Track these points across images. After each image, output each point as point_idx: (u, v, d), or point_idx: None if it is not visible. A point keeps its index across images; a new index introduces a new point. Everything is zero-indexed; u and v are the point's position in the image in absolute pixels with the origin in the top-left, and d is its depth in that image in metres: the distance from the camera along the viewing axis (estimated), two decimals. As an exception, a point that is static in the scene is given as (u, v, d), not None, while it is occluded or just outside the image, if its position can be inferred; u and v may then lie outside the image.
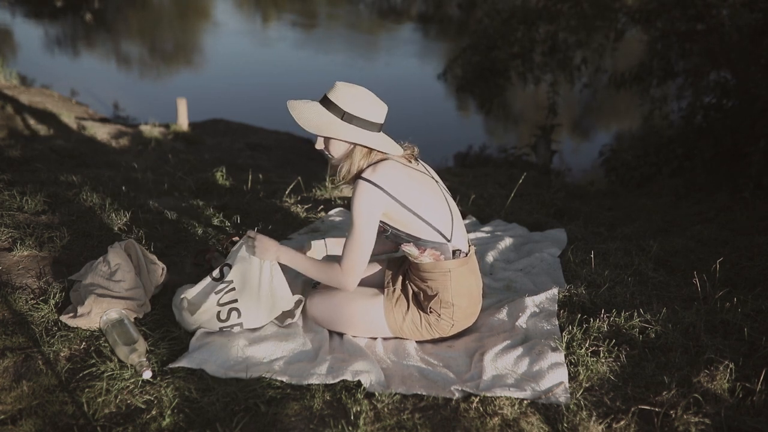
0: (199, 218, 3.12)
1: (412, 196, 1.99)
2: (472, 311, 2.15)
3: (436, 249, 2.03)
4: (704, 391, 1.79)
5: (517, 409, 1.75)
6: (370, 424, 1.68)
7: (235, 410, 1.71)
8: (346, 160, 2.03)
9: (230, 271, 2.14)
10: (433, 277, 2.06)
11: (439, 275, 2.05)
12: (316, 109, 2.02)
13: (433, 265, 2.05)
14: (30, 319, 2.07)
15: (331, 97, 2.02)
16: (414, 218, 1.99)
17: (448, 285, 2.05)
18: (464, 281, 2.07)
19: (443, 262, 2.04)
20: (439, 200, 2.06)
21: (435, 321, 2.09)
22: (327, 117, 2.00)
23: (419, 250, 2.04)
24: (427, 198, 2.02)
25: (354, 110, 2.00)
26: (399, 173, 1.99)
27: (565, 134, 9.23)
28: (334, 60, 13.40)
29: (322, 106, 2.02)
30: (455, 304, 2.07)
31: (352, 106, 2.00)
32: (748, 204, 4.06)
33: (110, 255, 2.24)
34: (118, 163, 4.65)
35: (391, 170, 1.99)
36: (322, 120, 2.00)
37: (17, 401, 1.71)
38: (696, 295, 2.40)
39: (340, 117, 2.00)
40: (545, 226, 3.41)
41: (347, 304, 2.12)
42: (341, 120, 2.00)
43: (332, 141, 2.03)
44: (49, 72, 11.10)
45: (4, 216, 2.81)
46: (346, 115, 1.99)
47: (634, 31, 7.30)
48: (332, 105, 2.01)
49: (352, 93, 2.01)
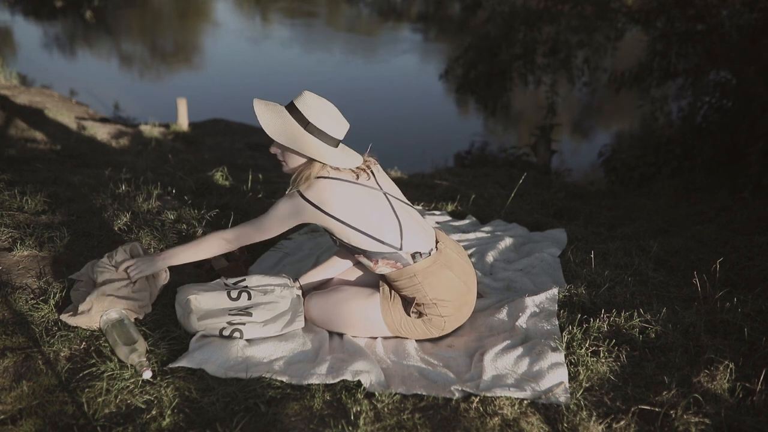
0: (199, 218, 3.12)
1: (351, 212, 2.02)
2: (461, 302, 2.13)
3: (387, 259, 2.05)
4: (704, 391, 1.79)
5: (517, 409, 1.75)
6: (370, 424, 1.68)
7: (235, 410, 1.71)
8: (302, 172, 2.05)
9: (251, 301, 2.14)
10: (403, 285, 2.08)
11: (407, 280, 2.07)
12: (280, 114, 2.05)
13: (397, 273, 2.07)
14: (30, 319, 2.07)
15: (298, 105, 2.04)
16: (354, 232, 2.03)
17: (419, 287, 2.06)
18: (437, 278, 2.07)
19: (405, 269, 2.05)
20: (384, 212, 2.08)
21: (427, 320, 2.10)
22: (291, 124, 2.03)
23: (372, 262, 2.08)
24: (368, 211, 2.05)
25: (318, 122, 2.03)
26: (339, 191, 2.03)
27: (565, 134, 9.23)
28: (334, 60, 13.40)
29: (288, 112, 2.05)
30: (437, 302, 2.07)
31: (318, 118, 2.03)
32: (747, 204, 4.06)
33: (118, 255, 2.25)
34: (118, 163, 4.65)
35: (328, 189, 2.02)
36: (285, 127, 2.03)
37: (17, 401, 1.71)
38: (696, 295, 2.40)
39: (304, 126, 2.02)
40: (545, 226, 3.41)
41: (344, 305, 2.12)
42: (304, 129, 2.02)
43: (287, 151, 2.07)
44: (49, 72, 11.11)
45: (4, 216, 2.81)
46: (309, 125, 2.02)
47: (634, 31, 7.31)
48: (298, 113, 2.03)
49: (319, 105, 2.05)
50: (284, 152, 2.08)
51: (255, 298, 2.14)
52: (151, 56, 14.17)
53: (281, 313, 2.13)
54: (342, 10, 21.00)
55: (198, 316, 2.06)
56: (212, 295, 2.13)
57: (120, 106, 9.62)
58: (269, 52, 14.38)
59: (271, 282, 2.21)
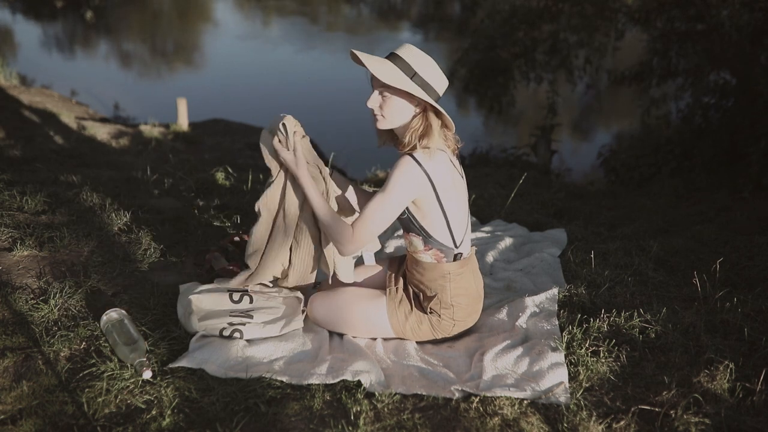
0: (199, 218, 3.12)
1: (449, 195, 1.95)
2: (473, 309, 2.14)
3: (440, 251, 2.02)
4: (704, 391, 1.79)
5: (517, 409, 1.75)
6: (370, 424, 1.68)
7: (235, 410, 1.71)
8: (411, 129, 1.89)
9: (253, 304, 2.14)
10: (432, 278, 2.05)
11: (438, 277, 2.04)
12: (383, 61, 1.87)
13: (432, 265, 2.04)
14: (30, 319, 2.07)
15: (402, 54, 1.88)
16: (440, 216, 1.95)
17: (446, 286, 2.05)
18: (463, 283, 2.07)
19: (443, 265, 2.04)
20: (464, 206, 2.04)
21: (436, 321, 2.09)
22: (396, 72, 1.85)
23: (424, 247, 2.02)
24: (458, 202, 1.99)
25: (425, 74, 1.88)
26: (447, 169, 1.94)
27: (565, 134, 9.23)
28: (334, 60, 13.40)
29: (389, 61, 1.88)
30: (455, 305, 2.07)
31: (424, 69, 1.88)
32: (747, 204, 4.06)
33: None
34: (118, 163, 4.65)
35: (442, 163, 1.91)
36: (393, 72, 1.85)
37: (17, 401, 1.71)
38: (696, 295, 2.40)
39: (410, 76, 1.86)
40: (545, 226, 3.41)
41: (350, 306, 2.11)
42: (410, 79, 1.86)
43: (393, 100, 1.90)
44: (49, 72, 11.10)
45: (4, 216, 2.81)
46: (416, 76, 1.87)
47: (635, 31, 7.30)
48: (402, 62, 1.87)
49: (423, 56, 1.89)
50: (387, 103, 1.90)
51: (257, 302, 2.14)
52: (151, 56, 14.17)
53: (282, 315, 2.13)
54: (342, 10, 20.99)
55: (199, 316, 2.06)
56: (214, 296, 2.14)
57: (120, 106, 9.61)
58: (269, 52, 14.37)
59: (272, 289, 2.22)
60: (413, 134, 1.91)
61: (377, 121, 1.97)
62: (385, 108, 1.92)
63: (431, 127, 1.91)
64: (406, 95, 1.91)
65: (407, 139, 1.92)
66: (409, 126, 1.93)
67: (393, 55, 1.90)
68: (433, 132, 1.91)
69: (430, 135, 1.91)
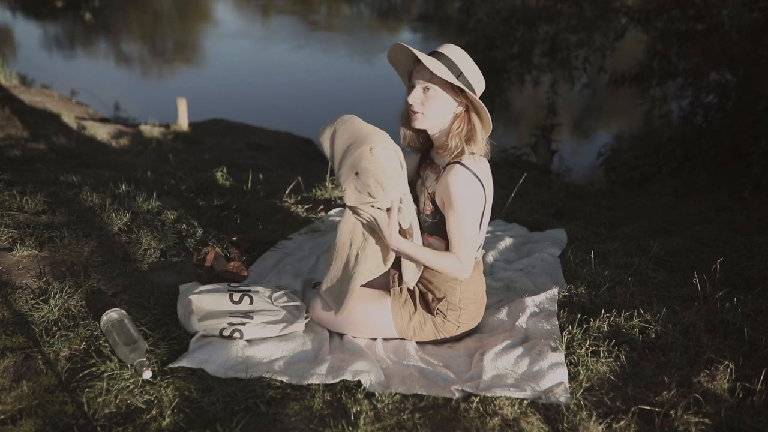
0: (199, 218, 3.12)
1: (488, 210, 1.93)
2: (478, 312, 2.15)
3: None
4: (704, 391, 1.79)
5: (517, 409, 1.75)
6: (370, 424, 1.68)
7: (235, 410, 1.71)
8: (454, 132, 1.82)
9: (253, 305, 2.14)
10: (443, 279, 2.05)
11: (450, 279, 2.04)
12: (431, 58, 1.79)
13: None
14: (30, 319, 2.07)
15: (447, 53, 1.80)
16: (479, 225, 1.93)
17: (456, 289, 2.05)
18: (472, 286, 2.07)
19: None
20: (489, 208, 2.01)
21: (441, 323, 2.09)
22: (445, 69, 1.77)
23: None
24: (488, 211, 1.98)
25: (468, 74, 1.81)
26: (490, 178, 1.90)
27: (565, 134, 9.23)
28: (334, 59, 13.40)
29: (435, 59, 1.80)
30: (462, 307, 2.07)
31: (468, 70, 1.80)
32: (748, 204, 4.06)
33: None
34: (118, 163, 4.65)
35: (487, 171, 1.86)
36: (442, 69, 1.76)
37: (17, 401, 1.71)
38: (696, 295, 2.40)
39: (456, 76, 1.79)
40: (545, 226, 3.41)
41: (354, 307, 2.10)
42: (456, 78, 1.78)
43: (438, 96, 1.81)
44: (49, 72, 11.10)
45: (4, 216, 2.81)
46: (461, 76, 1.79)
47: (634, 31, 7.31)
48: (448, 60, 1.79)
49: (466, 56, 1.82)
50: (431, 99, 1.81)
51: (257, 302, 2.14)
52: (151, 56, 14.17)
53: (282, 317, 2.13)
54: (342, 10, 21.00)
55: (199, 316, 2.07)
56: (214, 296, 2.14)
57: (120, 106, 9.61)
58: (269, 52, 14.37)
59: (274, 292, 2.23)
60: (458, 137, 1.84)
61: (416, 120, 1.86)
62: (428, 104, 1.83)
63: (475, 129, 1.85)
64: (451, 93, 1.83)
65: (453, 142, 1.84)
66: (450, 129, 1.86)
67: (437, 53, 1.83)
68: (477, 135, 1.85)
69: (475, 138, 1.85)
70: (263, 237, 2.96)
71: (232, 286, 2.25)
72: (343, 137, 1.81)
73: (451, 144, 1.85)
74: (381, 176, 1.74)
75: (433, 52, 1.85)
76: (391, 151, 1.76)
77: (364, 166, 1.74)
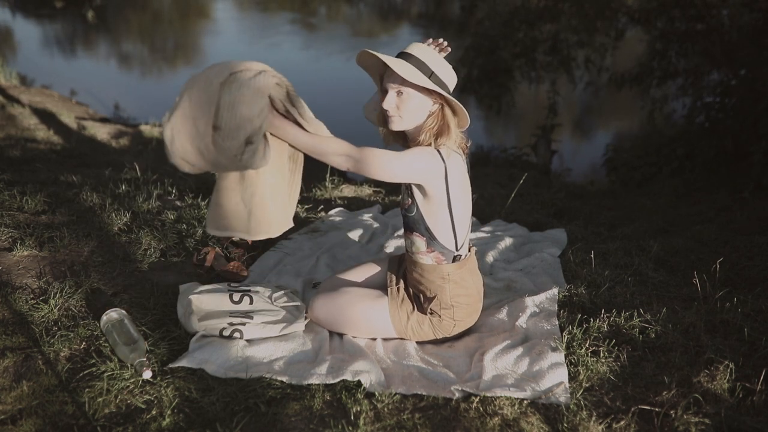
0: (199, 218, 3.12)
1: (457, 196, 1.94)
2: (474, 308, 2.14)
3: (441, 253, 2.02)
4: (704, 391, 1.79)
5: (517, 409, 1.75)
6: (370, 424, 1.68)
7: (235, 410, 1.71)
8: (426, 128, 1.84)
9: (253, 305, 2.14)
10: (431, 279, 2.05)
11: (437, 278, 2.04)
12: (401, 61, 1.79)
13: (432, 267, 2.04)
14: (30, 319, 2.07)
15: (416, 53, 1.82)
16: (446, 216, 1.94)
17: (445, 287, 2.05)
18: (462, 282, 2.07)
19: (442, 266, 2.04)
20: (469, 210, 2.03)
21: (437, 322, 2.09)
22: (416, 71, 1.78)
23: (427, 249, 2.02)
24: (465, 205, 1.99)
25: (441, 74, 1.82)
26: (461, 172, 1.93)
27: (566, 134, 9.22)
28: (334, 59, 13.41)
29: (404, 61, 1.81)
30: (454, 305, 2.07)
31: (439, 68, 1.82)
32: (748, 204, 4.06)
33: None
34: (118, 163, 4.65)
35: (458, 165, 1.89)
36: (413, 72, 1.78)
37: (17, 401, 1.71)
38: (696, 295, 2.40)
39: (428, 75, 1.80)
40: (545, 226, 3.41)
41: (352, 307, 2.11)
42: (428, 78, 1.80)
43: (412, 99, 1.83)
44: (49, 72, 11.10)
45: (4, 216, 2.81)
46: (434, 75, 1.81)
47: (634, 31, 7.30)
48: (418, 61, 1.80)
49: (436, 54, 1.84)
50: (406, 102, 1.83)
51: (257, 303, 2.15)
52: (151, 56, 14.17)
53: (282, 317, 2.13)
54: (342, 10, 21.00)
55: (199, 316, 2.07)
56: (214, 296, 2.14)
57: (120, 106, 9.61)
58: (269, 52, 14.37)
59: (275, 292, 2.23)
60: (428, 132, 1.86)
61: (392, 123, 1.89)
62: (403, 107, 1.86)
63: (448, 125, 1.87)
64: (424, 93, 1.86)
65: (422, 137, 1.87)
66: (423, 125, 1.89)
67: (405, 54, 1.84)
68: (450, 130, 1.87)
69: (447, 133, 1.87)
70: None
71: (232, 286, 2.25)
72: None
73: (421, 138, 1.88)
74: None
75: (401, 53, 1.86)
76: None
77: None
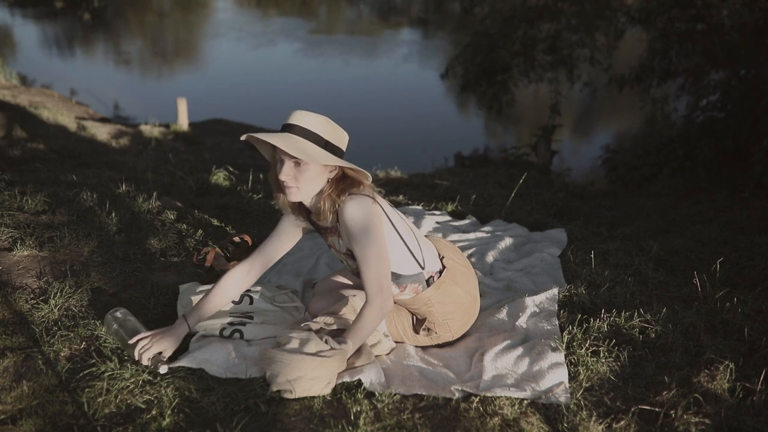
0: (199, 218, 3.12)
1: (395, 219, 1.96)
2: (470, 313, 2.15)
3: (414, 282, 2.01)
4: (704, 391, 1.79)
5: (517, 409, 1.75)
6: (370, 424, 1.68)
7: (235, 410, 1.71)
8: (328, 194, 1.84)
9: (253, 305, 2.14)
10: (417, 307, 2.07)
11: (422, 306, 2.05)
12: (289, 138, 1.78)
13: (412, 299, 2.05)
14: (30, 319, 2.07)
15: (304, 124, 1.80)
16: (398, 242, 1.94)
17: (433, 311, 2.06)
18: (448, 299, 2.06)
19: (421, 295, 2.03)
20: (408, 227, 2.04)
21: (435, 336, 2.11)
22: (312, 147, 1.79)
23: (399, 289, 2.01)
24: (404, 226, 2.00)
25: (334, 139, 1.83)
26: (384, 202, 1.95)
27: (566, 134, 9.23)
28: (334, 60, 13.40)
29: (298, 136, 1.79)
30: (448, 320, 2.08)
31: (332, 135, 1.83)
32: (748, 204, 4.06)
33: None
34: (118, 163, 4.65)
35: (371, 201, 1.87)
36: (313, 149, 1.78)
37: (17, 401, 1.71)
38: (696, 295, 2.40)
39: (323, 146, 1.81)
40: (545, 226, 3.41)
41: None
42: (323, 149, 1.81)
43: (310, 170, 1.81)
44: (49, 72, 11.12)
45: (4, 216, 2.81)
46: (328, 144, 1.82)
47: (634, 31, 7.30)
48: (311, 134, 1.80)
49: (325, 121, 1.83)
50: (304, 173, 1.81)
51: (257, 303, 2.15)
52: (151, 56, 14.17)
53: (282, 317, 2.13)
54: (342, 10, 21.00)
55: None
56: None
57: (120, 106, 9.62)
58: (269, 52, 14.37)
59: (275, 293, 2.22)
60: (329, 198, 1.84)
61: (290, 194, 1.86)
62: (301, 178, 1.82)
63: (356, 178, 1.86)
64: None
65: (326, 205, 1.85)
66: (323, 194, 1.86)
67: (292, 126, 1.80)
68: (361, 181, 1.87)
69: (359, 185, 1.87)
70: (263, 237, 2.96)
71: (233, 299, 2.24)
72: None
73: (324, 207, 1.86)
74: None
75: (287, 126, 1.81)
76: None
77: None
